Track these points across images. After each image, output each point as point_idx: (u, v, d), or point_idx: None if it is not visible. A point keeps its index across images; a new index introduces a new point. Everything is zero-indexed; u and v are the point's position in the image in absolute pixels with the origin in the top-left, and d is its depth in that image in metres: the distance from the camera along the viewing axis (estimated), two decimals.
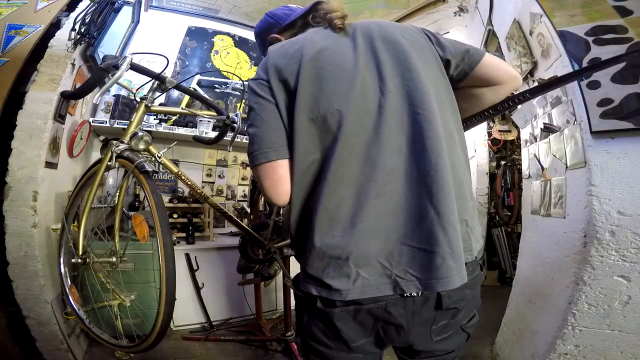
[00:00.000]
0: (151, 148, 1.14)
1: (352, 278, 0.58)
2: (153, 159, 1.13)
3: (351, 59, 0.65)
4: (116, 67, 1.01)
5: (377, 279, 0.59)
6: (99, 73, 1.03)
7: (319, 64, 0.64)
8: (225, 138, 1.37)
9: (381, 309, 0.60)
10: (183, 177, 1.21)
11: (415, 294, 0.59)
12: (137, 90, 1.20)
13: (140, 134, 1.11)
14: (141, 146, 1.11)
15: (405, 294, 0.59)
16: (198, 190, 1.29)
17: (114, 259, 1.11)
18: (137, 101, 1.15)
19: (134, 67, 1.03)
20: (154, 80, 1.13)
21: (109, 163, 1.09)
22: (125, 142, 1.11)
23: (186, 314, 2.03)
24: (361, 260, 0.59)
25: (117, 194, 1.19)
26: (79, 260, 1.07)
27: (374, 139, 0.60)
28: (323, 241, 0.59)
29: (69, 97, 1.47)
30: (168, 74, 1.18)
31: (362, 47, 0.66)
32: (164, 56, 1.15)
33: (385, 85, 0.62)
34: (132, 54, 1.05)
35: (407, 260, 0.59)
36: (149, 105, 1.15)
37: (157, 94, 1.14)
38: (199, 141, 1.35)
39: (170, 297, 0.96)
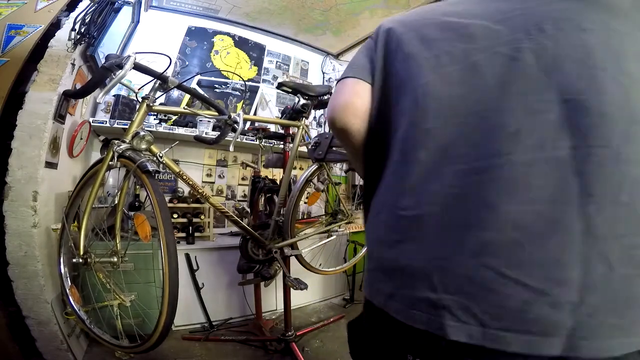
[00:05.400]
0: (153, 148, 1.14)
1: None
2: (155, 158, 1.12)
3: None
4: (120, 67, 1.00)
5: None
6: (102, 72, 1.02)
7: None
8: (226, 138, 1.37)
9: None
10: (185, 177, 1.21)
11: None
12: (139, 90, 1.20)
13: (142, 133, 1.10)
14: (143, 146, 1.10)
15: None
16: (199, 190, 1.29)
17: (115, 259, 1.11)
18: (138, 101, 1.14)
19: (137, 67, 1.03)
20: (156, 79, 1.13)
21: (110, 163, 1.08)
22: (127, 141, 1.10)
23: (186, 314, 2.03)
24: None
25: (118, 193, 1.19)
26: (80, 260, 1.07)
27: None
28: None
29: (71, 96, 1.47)
30: (168, 73, 1.17)
31: None
32: (167, 55, 1.14)
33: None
34: (135, 53, 1.04)
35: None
36: (151, 104, 1.15)
37: (159, 93, 1.14)
38: (201, 141, 1.35)
39: (173, 297, 0.96)
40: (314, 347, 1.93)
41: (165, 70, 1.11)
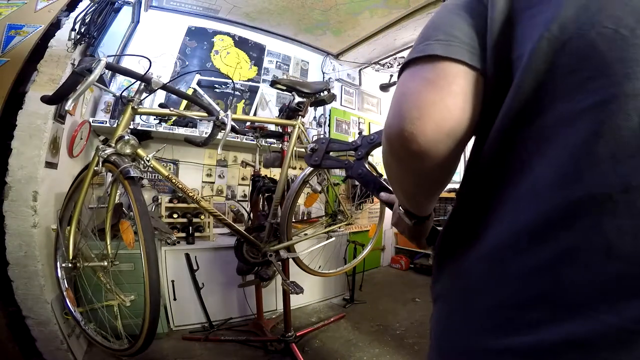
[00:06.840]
0: (139, 151, 1.13)
1: None
2: (142, 162, 1.11)
3: None
4: (90, 71, 0.99)
5: None
6: (73, 77, 1.00)
7: None
8: (219, 138, 1.35)
9: None
10: (174, 180, 1.19)
11: None
12: (120, 93, 1.18)
13: (126, 137, 1.09)
14: (127, 150, 1.09)
15: None
16: (190, 193, 1.27)
17: (105, 263, 1.10)
18: (124, 102, 1.13)
19: (113, 69, 1.01)
20: (140, 82, 1.11)
21: (95, 168, 1.07)
22: (112, 145, 1.09)
23: (186, 314, 2.04)
24: None
25: (108, 198, 1.17)
26: (69, 265, 1.06)
27: None
28: None
29: (47, 102, 1.47)
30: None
31: None
32: (146, 57, 1.12)
33: None
34: (107, 56, 1.02)
35: None
36: (136, 107, 1.13)
37: (144, 95, 1.12)
38: (190, 142, 1.33)
39: (154, 306, 0.94)
40: (314, 347, 1.92)
41: (146, 72, 1.09)
